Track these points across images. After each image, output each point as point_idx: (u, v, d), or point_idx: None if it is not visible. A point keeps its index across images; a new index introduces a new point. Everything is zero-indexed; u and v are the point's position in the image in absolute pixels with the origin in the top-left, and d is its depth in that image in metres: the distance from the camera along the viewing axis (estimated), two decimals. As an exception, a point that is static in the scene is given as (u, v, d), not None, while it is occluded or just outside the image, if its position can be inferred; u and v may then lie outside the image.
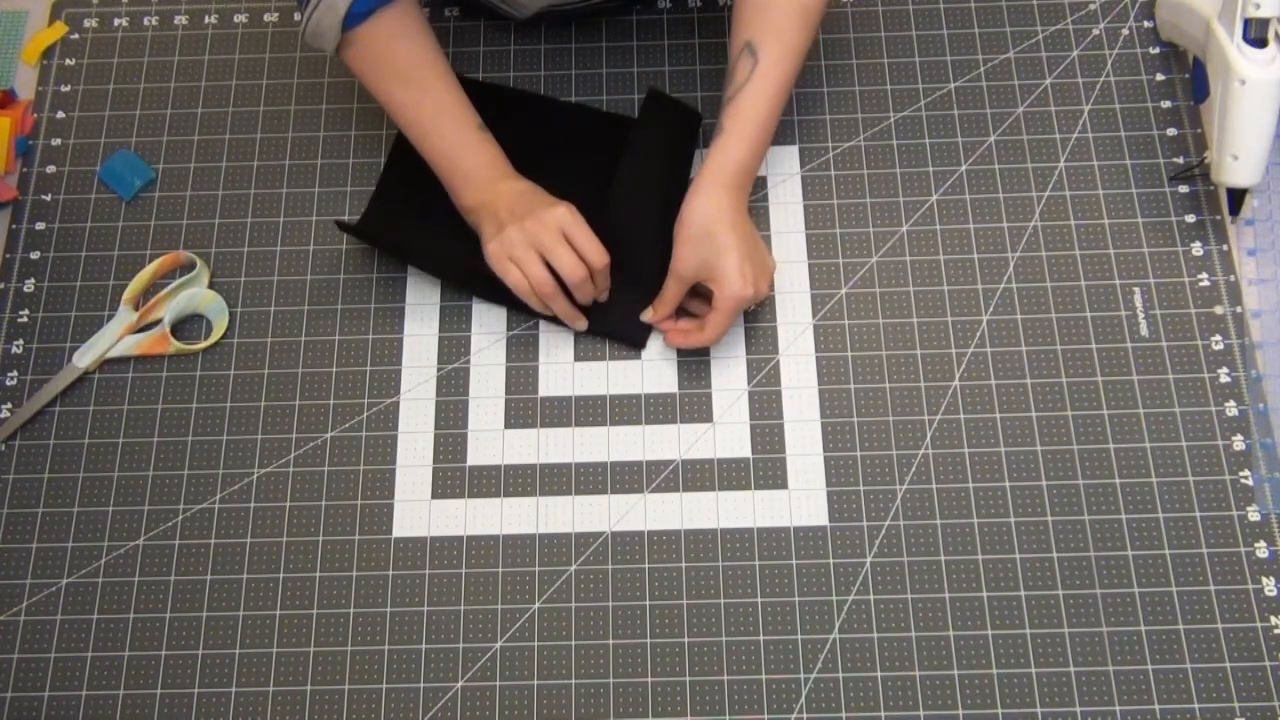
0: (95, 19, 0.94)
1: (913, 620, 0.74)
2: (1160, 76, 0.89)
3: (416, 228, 0.84)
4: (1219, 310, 0.82)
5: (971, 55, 0.90)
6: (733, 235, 0.75)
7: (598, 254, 0.77)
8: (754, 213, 0.84)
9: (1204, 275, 0.83)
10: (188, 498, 0.79)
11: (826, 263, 0.84)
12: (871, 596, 0.75)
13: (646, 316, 0.81)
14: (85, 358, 0.81)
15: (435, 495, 0.79)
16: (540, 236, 0.76)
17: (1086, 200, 0.85)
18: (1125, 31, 0.91)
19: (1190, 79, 0.89)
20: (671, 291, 0.79)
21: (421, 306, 0.84)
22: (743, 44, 0.78)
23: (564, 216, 0.76)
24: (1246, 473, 0.77)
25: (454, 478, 0.79)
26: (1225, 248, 0.83)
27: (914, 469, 0.78)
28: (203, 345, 0.82)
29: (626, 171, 0.81)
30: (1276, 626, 0.73)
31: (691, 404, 0.80)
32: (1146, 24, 0.91)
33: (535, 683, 0.74)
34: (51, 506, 0.79)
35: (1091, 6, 0.92)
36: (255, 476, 0.79)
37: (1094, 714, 0.72)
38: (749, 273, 0.76)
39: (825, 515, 0.77)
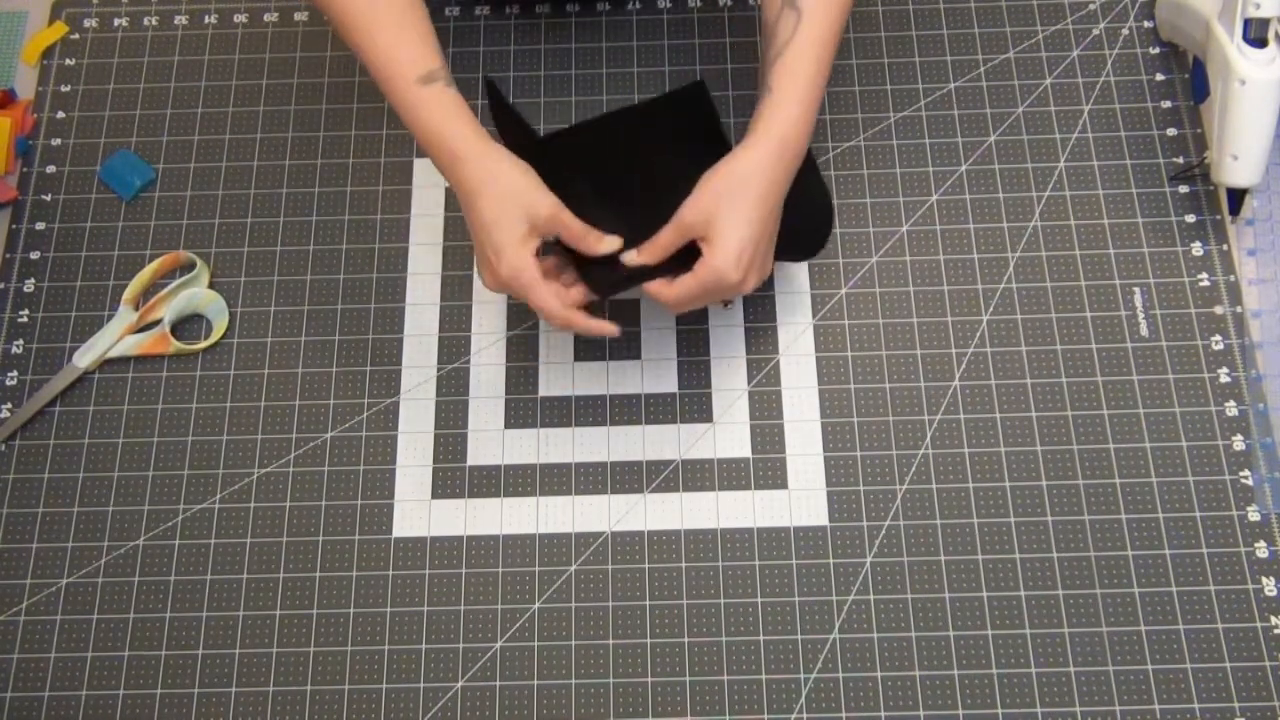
0: (95, 19, 0.94)
1: (913, 620, 0.74)
2: (1160, 76, 0.89)
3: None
4: (1219, 310, 0.82)
5: (971, 55, 0.90)
6: (757, 210, 0.68)
7: (556, 310, 0.69)
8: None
9: (1204, 275, 0.83)
10: (188, 498, 0.79)
11: (827, 262, 0.84)
12: (871, 596, 0.75)
13: (628, 257, 0.71)
14: (85, 358, 0.81)
15: (435, 495, 0.79)
16: (504, 289, 0.70)
17: (1086, 200, 0.85)
18: (1125, 31, 0.91)
19: (1190, 79, 0.89)
20: (666, 238, 0.69)
21: (421, 306, 0.84)
22: (782, 1, 0.71)
23: (510, 279, 0.68)
24: (1246, 473, 0.77)
25: (454, 478, 0.79)
26: (1225, 248, 0.83)
27: (914, 469, 0.78)
28: (203, 345, 0.82)
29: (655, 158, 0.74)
30: (1276, 626, 0.73)
31: (691, 404, 0.80)
32: (1146, 24, 0.91)
33: (535, 683, 0.74)
34: (51, 506, 0.79)
35: (1091, 6, 0.92)
36: (255, 476, 0.79)
37: (1094, 714, 0.72)
38: (748, 259, 0.68)
39: (825, 515, 0.77)
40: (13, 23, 0.95)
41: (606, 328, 0.71)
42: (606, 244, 0.71)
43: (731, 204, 0.67)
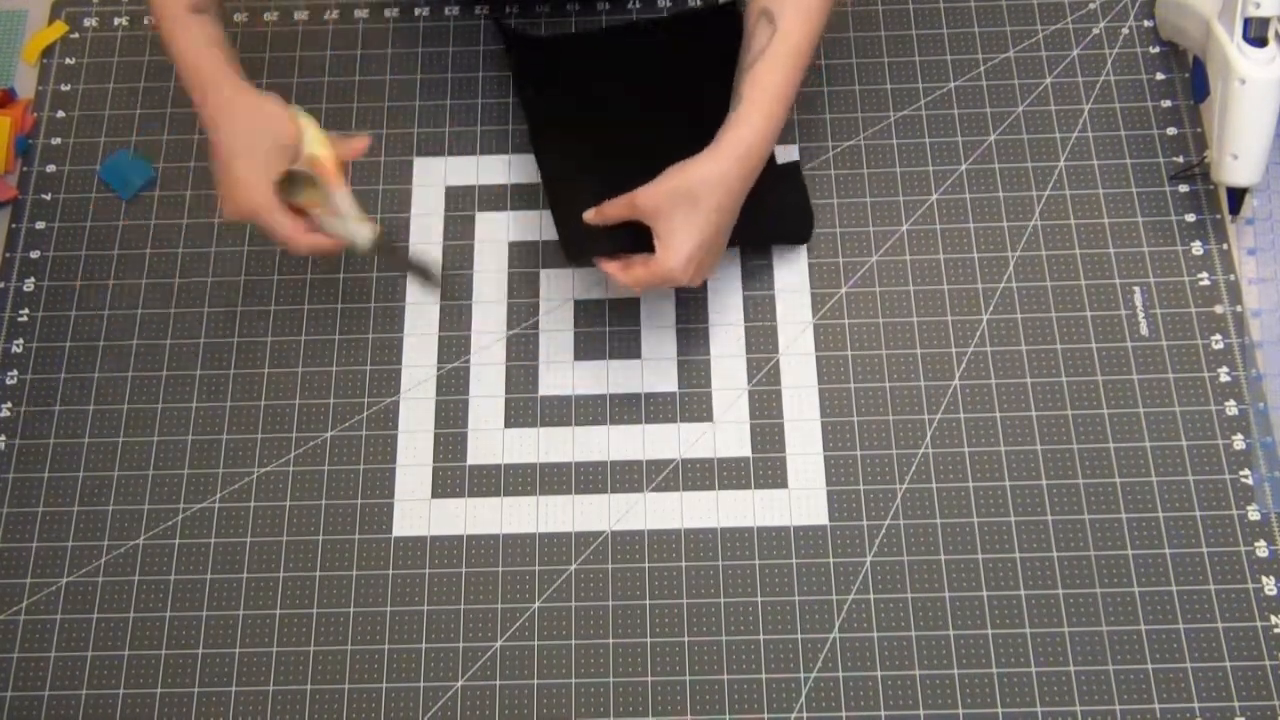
0: (95, 18, 0.94)
1: (913, 620, 0.74)
2: (1160, 76, 0.89)
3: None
4: (1219, 309, 0.82)
5: (971, 54, 0.90)
6: (711, 218, 0.71)
7: (297, 236, 0.71)
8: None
9: (1204, 274, 0.83)
10: (188, 497, 0.79)
11: (826, 262, 0.84)
12: (871, 596, 0.75)
13: (588, 215, 0.75)
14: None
15: (435, 495, 0.79)
16: (243, 219, 0.72)
17: (1086, 199, 0.85)
18: (1125, 31, 0.91)
19: (1190, 78, 0.89)
20: (618, 208, 0.73)
21: (421, 306, 0.84)
22: (759, 10, 0.74)
23: (250, 211, 0.70)
24: (1246, 472, 0.77)
25: (454, 477, 0.79)
26: (1225, 247, 0.83)
27: (914, 468, 0.78)
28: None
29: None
30: (1276, 626, 0.73)
31: (691, 403, 0.80)
32: (1146, 23, 0.91)
33: (535, 682, 0.74)
34: (51, 506, 0.79)
35: (1091, 6, 0.92)
36: (255, 476, 0.79)
37: (1094, 713, 0.72)
38: (696, 262, 0.72)
39: (825, 515, 0.77)
40: (13, 22, 0.95)
41: (362, 232, 0.73)
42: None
43: (686, 210, 0.71)
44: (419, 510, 0.78)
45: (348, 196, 0.73)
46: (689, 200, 0.70)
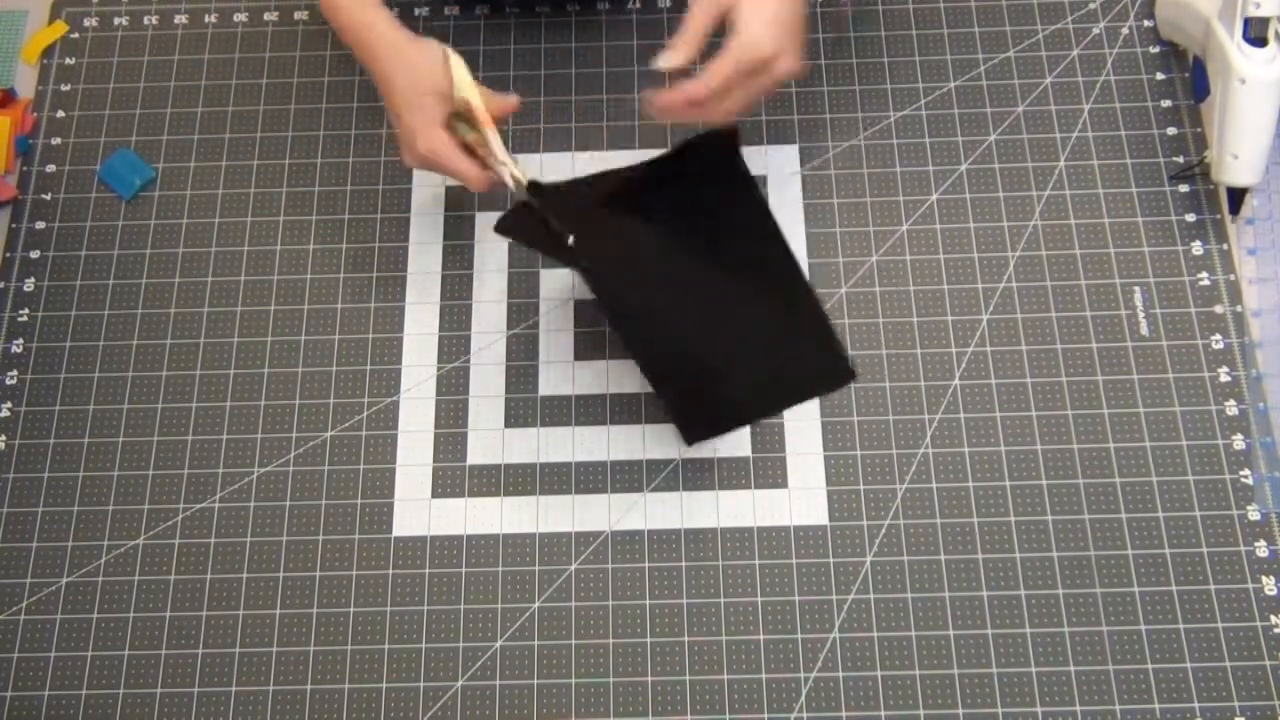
0: (95, 18, 0.94)
1: (913, 620, 0.74)
2: (1160, 75, 0.89)
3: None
4: (1219, 309, 0.82)
5: (971, 54, 0.90)
6: None
7: (474, 173, 0.74)
8: (754, 212, 0.84)
9: (1204, 274, 0.83)
10: (188, 497, 0.79)
11: (826, 262, 0.84)
12: (871, 596, 0.75)
13: (660, 61, 0.68)
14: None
15: (435, 494, 0.79)
16: (424, 165, 0.75)
17: (1086, 199, 0.85)
18: (1125, 30, 0.91)
19: (1190, 78, 0.89)
20: (697, 19, 0.67)
21: (421, 306, 0.84)
22: None
23: (429, 155, 0.73)
24: (1246, 472, 0.77)
25: (454, 477, 0.79)
26: (1225, 247, 0.83)
27: (914, 468, 0.78)
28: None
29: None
30: (1276, 626, 0.73)
31: (691, 403, 0.80)
32: (1146, 23, 0.91)
33: (535, 682, 0.74)
34: (51, 506, 0.79)
35: (1091, 5, 0.92)
36: (255, 476, 0.79)
37: (1094, 713, 0.72)
38: (781, 30, 0.65)
39: (825, 514, 0.77)
40: (13, 22, 0.95)
41: (511, 173, 0.74)
42: (513, 100, 0.76)
43: None
44: (419, 510, 0.78)
45: (498, 138, 0.75)
46: None
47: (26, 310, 0.85)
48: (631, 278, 0.75)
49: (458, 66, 0.74)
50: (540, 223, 0.75)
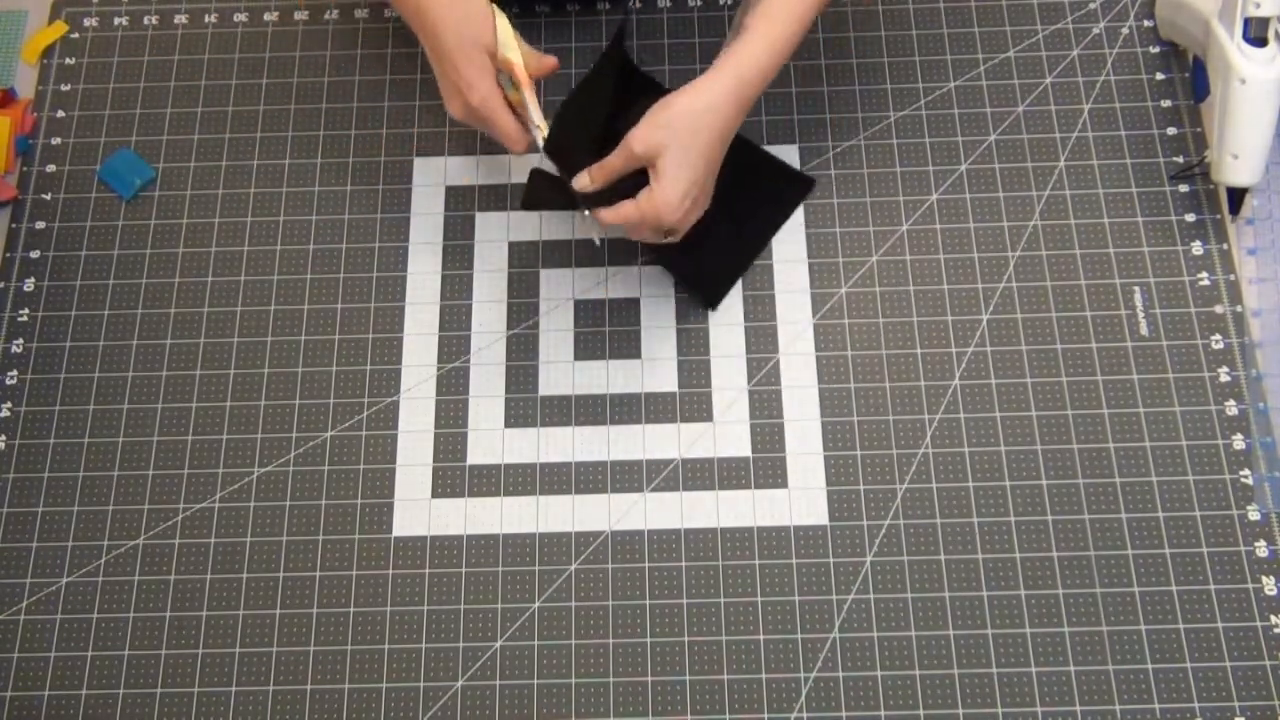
0: (95, 18, 0.94)
1: (913, 619, 0.74)
2: (1160, 75, 0.89)
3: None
4: (1219, 309, 0.82)
5: (971, 54, 0.90)
6: (704, 156, 0.68)
7: (518, 132, 0.73)
8: (754, 212, 0.84)
9: (1204, 274, 0.83)
10: (188, 497, 0.79)
11: (826, 262, 0.84)
12: (871, 595, 0.75)
13: (579, 182, 0.72)
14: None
15: (435, 494, 0.79)
16: (470, 118, 0.73)
17: (1087, 199, 0.85)
18: (1125, 30, 0.91)
19: (1190, 78, 0.88)
20: (614, 163, 0.70)
21: (421, 305, 0.84)
22: None
23: (480, 106, 0.71)
24: (1246, 472, 0.77)
25: (454, 477, 0.79)
26: (1225, 247, 0.83)
27: (914, 468, 0.78)
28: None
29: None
30: (1276, 626, 0.73)
31: (691, 403, 0.80)
32: (1146, 23, 0.91)
33: (535, 682, 0.74)
34: (51, 506, 0.79)
35: (1091, 6, 0.92)
36: (255, 476, 0.79)
37: (1094, 713, 0.72)
38: (690, 201, 0.69)
39: (825, 514, 0.77)
40: (13, 22, 0.95)
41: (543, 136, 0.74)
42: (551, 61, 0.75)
43: (681, 143, 0.68)
44: (419, 510, 0.78)
45: (536, 100, 0.75)
46: (681, 132, 0.68)
47: (26, 310, 0.85)
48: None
49: (503, 24, 0.74)
50: (556, 182, 0.74)
